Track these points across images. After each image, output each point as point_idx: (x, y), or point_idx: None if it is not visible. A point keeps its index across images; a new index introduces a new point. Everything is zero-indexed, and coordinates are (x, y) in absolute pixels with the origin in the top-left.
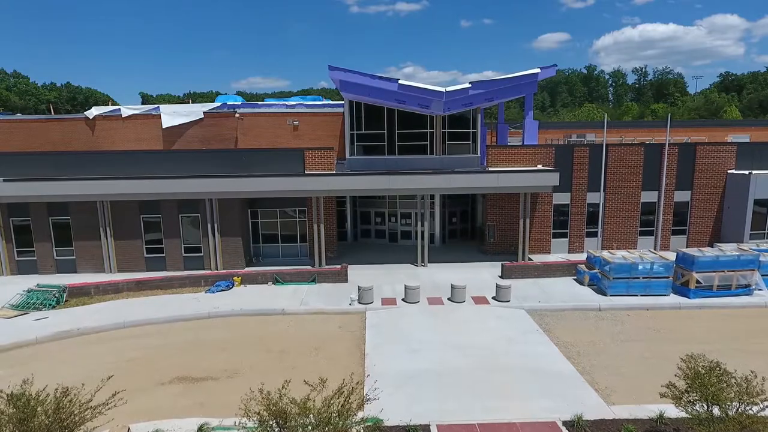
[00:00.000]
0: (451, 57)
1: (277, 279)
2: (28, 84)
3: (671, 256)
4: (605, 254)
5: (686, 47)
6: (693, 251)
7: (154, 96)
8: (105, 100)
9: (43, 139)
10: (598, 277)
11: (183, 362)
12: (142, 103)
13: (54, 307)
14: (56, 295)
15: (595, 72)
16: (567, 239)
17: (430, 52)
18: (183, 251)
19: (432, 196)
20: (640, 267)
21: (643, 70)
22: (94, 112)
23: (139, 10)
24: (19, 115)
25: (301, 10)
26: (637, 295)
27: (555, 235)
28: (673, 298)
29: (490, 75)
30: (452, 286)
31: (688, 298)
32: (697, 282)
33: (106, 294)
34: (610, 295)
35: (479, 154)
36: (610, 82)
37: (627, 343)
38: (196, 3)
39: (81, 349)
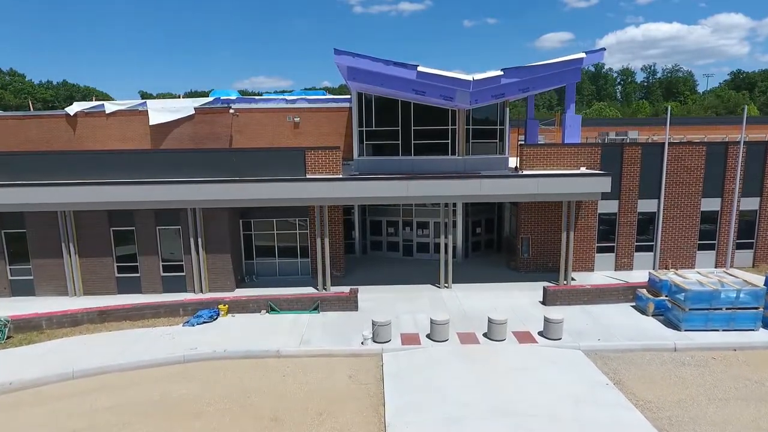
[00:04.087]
0: (454, 56)
1: (272, 307)
2: (23, 82)
3: (754, 279)
4: (675, 278)
5: (690, 46)
6: None
7: (154, 95)
8: (103, 99)
9: (21, 138)
10: (666, 306)
11: None
12: None
13: None
14: None
15: (603, 70)
16: (613, 254)
17: (433, 51)
18: (161, 270)
19: (454, 204)
20: (723, 296)
21: (652, 68)
22: (75, 108)
23: (140, 8)
24: None
25: (304, 10)
26: (718, 330)
27: (599, 250)
28: (765, 334)
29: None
30: (489, 321)
31: None
32: None
33: (61, 327)
34: (685, 330)
35: (507, 155)
36: (618, 80)
37: (728, 404)
38: (197, 2)
39: (6, 417)
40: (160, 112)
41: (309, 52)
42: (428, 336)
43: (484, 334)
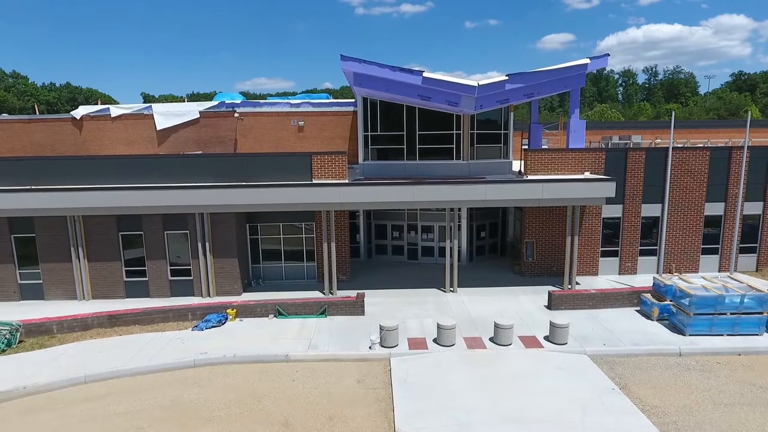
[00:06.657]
0: (455, 58)
1: (279, 311)
2: (27, 84)
3: (758, 283)
4: (680, 283)
5: (692, 47)
6: None
7: (156, 96)
8: (106, 101)
9: (27, 141)
10: (670, 311)
11: None
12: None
13: (4, 351)
14: (7, 336)
15: (605, 71)
16: (617, 258)
17: (434, 53)
18: (169, 274)
19: (459, 208)
20: (728, 300)
21: (654, 69)
22: (81, 111)
23: (141, 10)
24: (5, 116)
25: (305, 12)
26: (723, 335)
27: (603, 254)
28: None
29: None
30: (496, 325)
31: None
32: None
33: (71, 332)
34: (690, 335)
35: (511, 159)
36: (620, 82)
37: (734, 409)
38: (199, 3)
39: (17, 423)
40: (166, 117)
41: (311, 54)
42: (435, 341)
43: (491, 339)
